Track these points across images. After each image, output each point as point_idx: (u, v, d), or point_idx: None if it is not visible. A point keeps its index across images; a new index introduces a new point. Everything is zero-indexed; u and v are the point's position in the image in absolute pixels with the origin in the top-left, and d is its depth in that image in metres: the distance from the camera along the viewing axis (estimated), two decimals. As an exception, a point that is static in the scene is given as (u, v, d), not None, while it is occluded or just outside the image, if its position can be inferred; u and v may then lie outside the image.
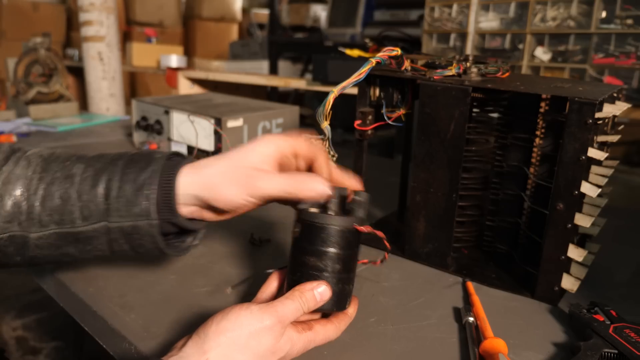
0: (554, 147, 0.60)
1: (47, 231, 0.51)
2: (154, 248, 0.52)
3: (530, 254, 0.63)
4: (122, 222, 0.50)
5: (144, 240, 0.51)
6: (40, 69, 1.68)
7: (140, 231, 0.50)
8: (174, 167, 0.51)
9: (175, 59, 3.22)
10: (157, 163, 0.51)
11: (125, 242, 0.52)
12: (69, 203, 0.50)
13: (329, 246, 0.47)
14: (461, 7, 1.64)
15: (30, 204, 0.50)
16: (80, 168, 0.52)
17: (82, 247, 0.52)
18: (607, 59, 1.38)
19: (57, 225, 0.51)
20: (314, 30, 2.97)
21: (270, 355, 0.43)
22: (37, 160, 0.53)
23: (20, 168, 0.52)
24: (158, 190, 0.50)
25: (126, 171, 0.51)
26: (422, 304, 0.59)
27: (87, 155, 0.55)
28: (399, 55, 0.63)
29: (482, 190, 0.70)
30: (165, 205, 0.50)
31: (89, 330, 0.58)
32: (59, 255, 0.53)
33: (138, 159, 0.52)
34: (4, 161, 0.53)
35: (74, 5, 3.08)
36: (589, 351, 0.47)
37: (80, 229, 0.51)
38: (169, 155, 0.53)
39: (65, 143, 1.35)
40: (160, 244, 0.51)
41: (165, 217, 0.51)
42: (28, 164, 0.53)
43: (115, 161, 0.52)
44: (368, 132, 0.70)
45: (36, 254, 0.52)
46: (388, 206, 0.86)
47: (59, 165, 0.53)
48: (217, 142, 1.03)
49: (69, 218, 0.50)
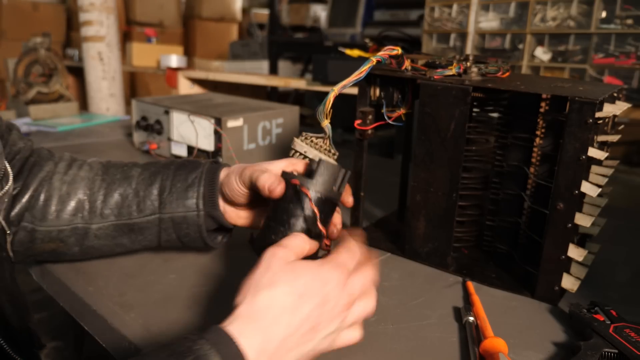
0: (554, 147, 0.60)
1: (107, 222, 0.60)
2: (198, 237, 0.61)
3: (530, 254, 0.63)
4: (173, 213, 0.59)
5: (191, 230, 0.60)
6: (40, 69, 1.68)
7: (189, 221, 0.60)
8: (216, 169, 0.61)
9: (175, 59, 3.22)
10: (203, 167, 0.61)
11: (174, 231, 0.61)
12: (127, 199, 0.60)
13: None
14: (461, 7, 1.64)
15: (92, 200, 0.60)
16: (137, 171, 0.62)
17: (134, 237, 0.61)
18: (607, 59, 1.38)
19: (115, 217, 0.60)
20: (314, 30, 2.97)
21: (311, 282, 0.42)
22: (97, 165, 0.64)
23: (84, 171, 0.62)
24: (205, 187, 0.60)
25: (177, 173, 0.61)
26: (422, 304, 0.59)
27: (138, 162, 0.65)
28: (399, 54, 0.63)
29: (482, 190, 0.70)
30: (210, 199, 0.59)
31: (89, 329, 0.57)
32: (113, 245, 0.61)
33: (187, 164, 0.63)
34: (67, 167, 0.63)
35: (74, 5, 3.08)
36: (589, 351, 0.47)
37: (136, 220, 0.60)
38: (212, 161, 0.64)
39: (65, 143, 1.35)
40: (203, 233, 0.60)
41: (208, 210, 0.60)
42: (90, 168, 0.63)
43: (167, 165, 0.63)
44: (368, 132, 0.70)
45: (94, 244, 0.61)
46: (388, 206, 0.86)
47: (117, 169, 0.63)
48: (217, 142, 1.03)
49: (126, 211, 0.60)
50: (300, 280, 0.41)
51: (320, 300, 0.41)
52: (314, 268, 0.43)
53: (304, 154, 0.60)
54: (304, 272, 0.42)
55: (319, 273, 0.43)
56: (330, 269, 0.43)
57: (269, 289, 0.41)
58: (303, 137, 0.60)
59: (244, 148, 1.08)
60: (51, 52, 1.70)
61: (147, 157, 1.18)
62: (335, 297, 0.43)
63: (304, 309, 0.41)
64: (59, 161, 0.63)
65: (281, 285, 0.41)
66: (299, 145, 0.60)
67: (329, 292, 0.42)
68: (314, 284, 0.42)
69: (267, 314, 0.39)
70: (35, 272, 0.67)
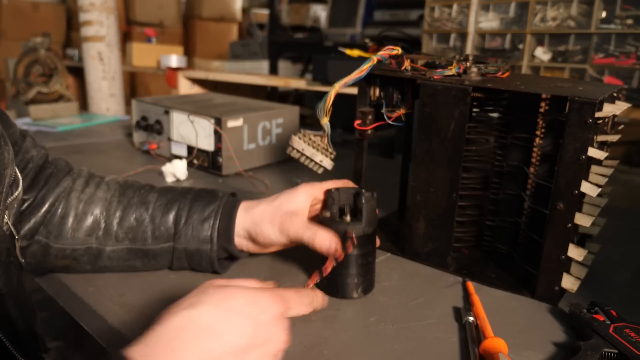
0: (554, 147, 0.60)
1: (121, 246, 0.60)
2: (209, 267, 0.62)
3: (530, 254, 0.63)
4: (187, 245, 0.60)
5: (203, 261, 0.61)
6: (40, 69, 1.68)
7: (202, 254, 0.60)
8: (234, 204, 0.62)
9: (175, 59, 3.22)
10: (221, 200, 0.62)
11: (186, 261, 0.61)
12: (143, 224, 0.60)
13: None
14: (461, 7, 1.64)
15: (108, 222, 0.60)
16: (154, 196, 0.63)
17: (147, 261, 0.62)
18: (607, 59, 1.38)
19: (130, 242, 0.60)
20: (314, 30, 2.97)
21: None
22: (115, 185, 0.64)
23: (101, 191, 0.62)
24: (220, 222, 0.60)
25: (194, 203, 0.61)
26: (422, 304, 0.59)
27: (155, 186, 0.65)
28: (399, 54, 0.63)
29: (482, 190, 0.70)
30: (225, 234, 0.60)
31: (89, 329, 0.57)
32: (125, 266, 0.62)
33: (205, 194, 0.63)
34: (85, 184, 0.63)
35: (74, 5, 3.08)
36: (589, 351, 0.47)
37: (150, 247, 0.60)
38: (229, 194, 0.64)
39: (65, 143, 1.35)
40: (215, 264, 0.61)
41: (222, 244, 0.61)
42: (108, 188, 0.63)
43: (185, 194, 0.63)
44: (368, 132, 0.70)
45: (106, 265, 0.61)
46: (388, 206, 0.86)
47: (134, 191, 0.63)
48: (217, 142, 1.03)
49: (141, 237, 0.60)
50: (229, 302, 0.37)
51: (250, 327, 0.36)
52: (248, 291, 0.39)
53: (301, 152, 0.60)
54: (236, 294, 0.38)
55: (255, 297, 0.38)
56: (267, 296, 0.39)
57: (189, 309, 0.36)
58: (301, 134, 0.60)
59: (244, 148, 1.08)
60: (51, 52, 1.70)
61: (147, 157, 1.18)
62: (268, 329, 0.37)
63: (229, 335, 0.36)
64: (77, 177, 0.64)
65: (205, 304, 0.36)
66: (296, 143, 0.60)
67: (262, 322, 0.37)
68: (244, 307, 0.37)
69: (177, 336, 0.34)
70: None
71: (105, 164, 1.14)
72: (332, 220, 0.58)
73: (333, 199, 0.59)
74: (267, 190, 0.98)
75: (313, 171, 0.65)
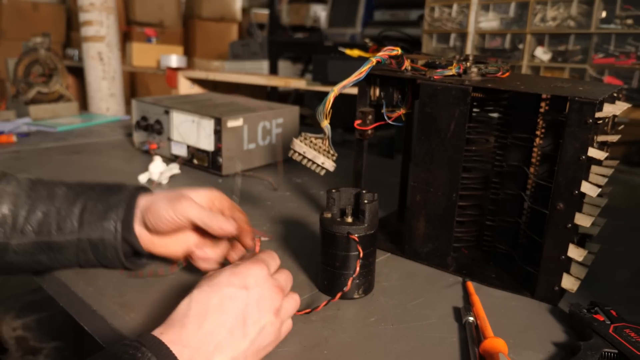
0: (554, 147, 0.60)
1: (26, 239, 0.59)
2: (116, 260, 0.60)
3: (530, 254, 0.63)
4: (91, 234, 0.59)
5: (108, 253, 0.60)
6: (40, 69, 1.68)
7: (106, 243, 0.59)
8: (136, 194, 0.61)
9: (175, 59, 3.22)
10: (128, 190, 0.62)
11: (92, 252, 0.60)
12: (49, 217, 0.59)
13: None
14: (461, 7, 1.64)
15: (15, 216, 0.59)
16: (62, 190, 0.61)
17: (53, 255, 0.60)
18: (607, 59, 1.38)
19: (35, 234, 0.59)
20: (314, 30, 2.97)
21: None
22: (26, 181, 0.62)
23: (11, 187, 0.61)
24: (124, 210, 0.59)
25: (102, 193, 0.61)
26: (422, 304, 0.59)
27: (67, 182, 0.64)
28: (399, 55, 0.63)
29: (482, 190, 0.70)
30: (126, 223, 0.59)
31: (89, 330, 0.57)
32: (32, 262, 0.60)
33: (113, 187, 0.62)
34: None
35: (74, 5, 3.08)
36: (589, 351, 0.47)
37: (55, 239, 0.59)
38: (137, 186, 0.63)
39: (65, 143, 1.35)
40: (121, 257, 0.60)
41: (125, 235, 0.59)
42: (18, 183, 0.62)
43: (93, 187, 0.62)
44: (368, 132, 0.70)
45: (13, 260, 0.59)
46: (388, 206, 0.86)
47: (44, 186, 0.62)
48: (217, 142, 1.03)
49: (46, 229, 0.59)
50: (217, 279, 0.45)
51: (244, 295, 0.45)
52: (231, 267, 0.47)
53: (303, 155, 0.60)
54: (221, 272, 0.46)
55: (237, 268, 0.47)
56: (249, 264, 0.47)
57: (189, 294, 0.45)
58: (302, 137, 0.60)
59: (243, 148, 1.08)
60: (51, 52, 1.70)
61: (147, 157, 1.18)
62: (259, 286, 0.46)
63: (228, 304, 0.44)
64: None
65: (199, 287, 0.45)
66: (297, 146, 0.60)
67: (250, 283, 0.46)
68: (232, 279, 0.45)
69: (186, 313, 0.43)
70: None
71: (105, 164, 1.14)
72: (333, 220, 0.58)
73: (334, 199, 0.59)
74: (277, 188, 0.98)
75: (314, 171, 0.65)
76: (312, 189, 1.00)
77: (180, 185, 1.00)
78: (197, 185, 0.99)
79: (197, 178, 1.04)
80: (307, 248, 0.72)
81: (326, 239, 0.58)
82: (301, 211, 0.88)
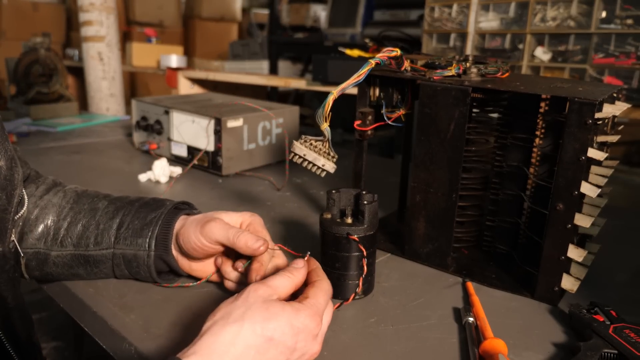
0: (553, 147, 0.60)
1: (65, 251, 0.59)
2: (148, 277, 0.60)
3: (530, 254, 0.63)
4: (125, 250, 0.59)
5: (141, 269, 0.59)
6: (40, 69, 1.68)
7: (139, 260, 0.58)
8: (177, 212, 0.60)
9: (175, 59, 3.22)
10: (166, 208, 0.60)
11: (125, 268, 0.60)
12: (88, 230, 0.60)
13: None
14: (461, 7, 1.64)
15: (57, 228, 0.60)
16: (104, 204, 0.62)
17: (90, 269, 0.60)
18: (607, 59, 1.38)
19: (74, 247, 0.59)
20: (314, 30, 2.97)
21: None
22: (71, 193, 0.64)
23: (57, 198, 0.62)
24: (159, 228, 0.58)
25: (140, 210, 0.61)
26: (422, 304, 0.59)
27: (112, 195, 0.65)
28: (398, 55, 0.63)
29: (482, 190, 0.70)
30: (162, 242, 0.58)
31: (89, 330, 0.58)
32: (69, 274, 0.61)
33: (152, 202, 0.62)
34: (46, 191, 0.63)
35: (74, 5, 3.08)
36: (588, 351, 0.47)
37: (91, 253, 0.59)
38: (177, 203, 0.62)
39: (65, 143, 1.35)
40: (153, 274, 0.59)
41: (159, 253, 0.58)
42: (64, 195, 0.63)
43: (133, 202, 0.62)
44: (368, 132, 0.70)
45: (52, 271, 0.60)
46: (388, 206, 0.86)
47: (88, 199, 0.63)
48: (217, 142, 1.03)
49: (84, 242, 0.59)
50: (272, 323, 0.41)
51: (288, 349, 0.41)
52: (290, 312, 0.42)
53: (304, 157, 0.60)
54: (279, 315, 0.42)
55: (295, 319, 0.42)
56: (307, 317, 0.43)
57: (237, 324, 0.40)
58: (302, 139, 0.60)
59: (243, 148, 1.08)
60: (51, 52, 1.70)
61: (147, 157, 1.18)
62: (304, 347, 0.43)
63: (270, 353, 0.40)
64: (40, 184, 0.63)
65: (251, 323, 0.40)
66: (298, 148, 0.60)
67: (299, 342, 0.42)
68: (285, 330, 0.41)
69: (228, 350, 0.39)
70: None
71: (105, 164, 1.14)
72: (332, 221, 0.58)
73: (334, 200, 0.59)
74: (281, 187, 0.98)
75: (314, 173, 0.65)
76: (312, 189, 1.00)
77: (180, 185, 1.00)
78: (196, 185, 0.99)
79: (197, 178, 1.04)
80: (307, 249, 0.72)
81: (326, 239, 0.58)
82: (301, 212, 0.88)
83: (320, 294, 0.46)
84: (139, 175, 1.02)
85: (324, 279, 0.48)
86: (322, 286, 0.47)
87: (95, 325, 0.56)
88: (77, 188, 0.66)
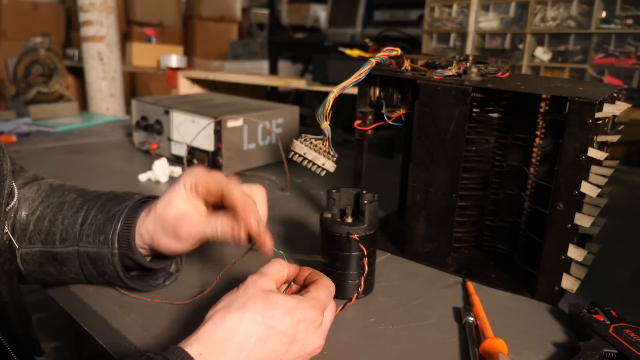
0: (554, 147, 0.60)
1: (34, 248, 0.56)
2: (116, 277, 0.55)
3: (530, 254, 0.63)
4: (88, 247, 0.54)
5: (107, 269, 0.55)
6: (40, 69, 1.68)
7: (104, 259, 0.54)
8: (142, 205, 0.56)
9: (175, 59, 3.21)
10: (131, 200, 0.56)
11: (92, 267, 0.55)
12: (54, 225, 0.56)
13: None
14: (461, 7, 1.64)
15: (26, 223, 0.56)
16: (72, 197, 0.58)
17: (59, 267, 0.56)
18: (607, 59, 1.38)
19: (42, 244, 0.56)
20: (314, 30, 2.97)
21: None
22: (45, 186, 0.60)
23: (31, 192, 0.59)
24: (122, 223, 0.54)
25: (105, 203, 0.56)
26: (422, 304, 0.59)
27: (85, 189, 0.60)
28: (398, 55, 0.63)
29: (482, 190, 0.70)
30: (125, 238, 0.54)
31: (89, 330, 0.57)
32: (41, 272, 0.57)
33: (120, 195, 0.57)
34: (23, 185, 0.59)
35: (74, 5, 3.08)
36: (589, 351, 0.47)
37: (58, 250, 0.55)
38: (146, 196, 0.58)
39: (65, 143, 1.35)
40: (120, 274, 0.55)
41: (124, 250, 0.54)
42: (38, 188, 0.59)
43: (100, 195, 0.58)
44: (368, 132, 0.70)
45: (24, 269, 0.57)
46: (388, 206, 0.86)
47: (59, 193, 0.59)
48: (217, 142, 1.03)
49: (51, 239, 0.55)
50: (272, 312, 0.41)
51: (289, 339, 0.41)
52: (290, 303, 0.42)
53: (304, 156, 0.60)
54: (279, 305, 0.42)
55: (295, 310, 0.42)
56: (307, 307, 0.43)
57: (239, 312, 0.40)
58: (302, 138, 0.60)
59: (243, 148, 1.08)
60: (51, 52, 1.70)
61: (147, 157, 1.18)
62: (305, 339, 0.42)
63: (270, 341, 0.41)
64: (19, 179, 0.60)
65: (252, 311, 0.41)
66: (298, 147, 0.60)
67: (299, 332, 0.42)
68: (285, 319, 0.41)
69: (230, 338, 0.39)
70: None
71: (105, 164, 1.14)
72: (333, 221, 0.58)
73: (334, 199, 0.59)
74: (285, 187, 0.98)
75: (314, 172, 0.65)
76: (312, 189, 1.00)
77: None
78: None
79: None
80: (308, 248, 0.72)
81: (326, 239, 0.58)
82: (301, 211, 0.88)
83: (321, 289, 0.46)
84: (139, 175, 1.02)
85: (324, 277, 0.49)
86: (323, 282, 0.47)
87: (95, 325, 0.56)
88: (54, 182, 0.61)
